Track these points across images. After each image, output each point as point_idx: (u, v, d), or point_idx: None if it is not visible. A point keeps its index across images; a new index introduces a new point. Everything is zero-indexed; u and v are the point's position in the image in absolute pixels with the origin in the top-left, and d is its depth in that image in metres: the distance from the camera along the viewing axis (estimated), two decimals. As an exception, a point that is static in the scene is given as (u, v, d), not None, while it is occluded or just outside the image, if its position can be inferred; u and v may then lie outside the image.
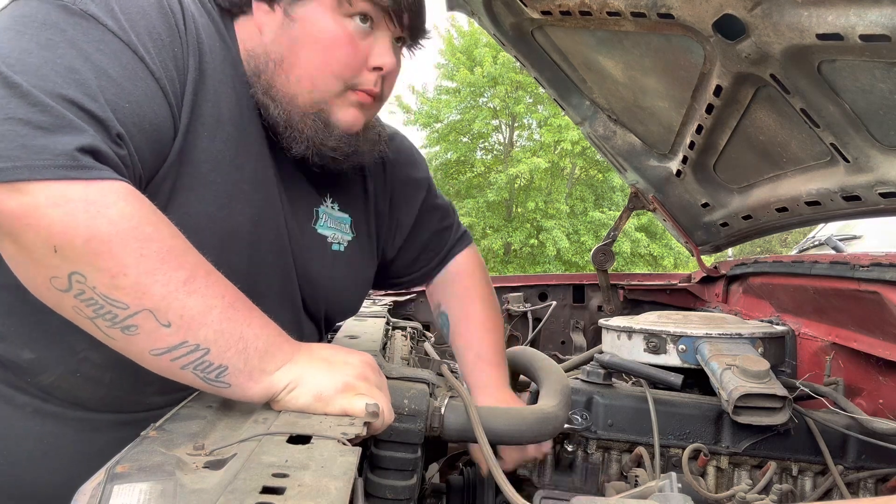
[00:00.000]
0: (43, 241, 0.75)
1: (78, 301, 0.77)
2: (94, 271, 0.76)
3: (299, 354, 0.90)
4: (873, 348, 1.54)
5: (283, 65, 1.06)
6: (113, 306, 0.77)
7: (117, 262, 0.77)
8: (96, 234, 0.76)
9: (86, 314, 0.78)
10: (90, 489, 0.64)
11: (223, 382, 0.84)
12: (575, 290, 2.85)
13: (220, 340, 0.82)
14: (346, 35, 1.06)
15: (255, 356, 0.85)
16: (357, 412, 0.87)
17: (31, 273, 0.79)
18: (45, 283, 0.78)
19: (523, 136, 19.20)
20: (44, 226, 0.74)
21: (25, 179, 0.74)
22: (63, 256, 0.75)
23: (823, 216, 1.96)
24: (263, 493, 0.63)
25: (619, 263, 15.94)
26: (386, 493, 1.06)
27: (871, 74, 1.31)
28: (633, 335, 1.64)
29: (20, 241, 0.76)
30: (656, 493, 0.77)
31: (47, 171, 0.75)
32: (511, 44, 1.99)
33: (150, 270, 0.78)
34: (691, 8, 1.39)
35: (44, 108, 0.77)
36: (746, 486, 1.40)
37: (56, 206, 0.75)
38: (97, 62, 0.84)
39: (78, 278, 0.76)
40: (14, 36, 0.81)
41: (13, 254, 0.78)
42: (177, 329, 0.80)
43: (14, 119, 0.75)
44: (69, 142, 0.77)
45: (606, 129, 2.28)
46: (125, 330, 0.79)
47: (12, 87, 0.77)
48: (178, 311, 0.80)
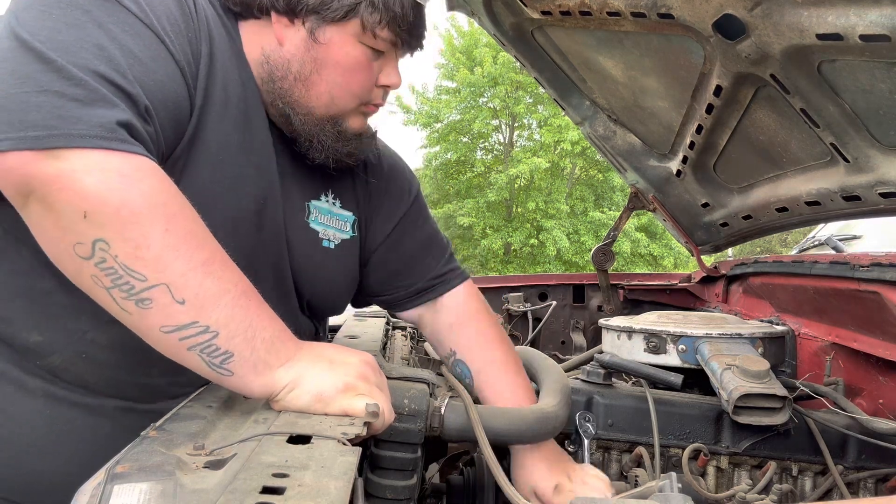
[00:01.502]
0: (74, 206, 0.76)
1: (97, 269, 0.78)
2: (119, 240, 0.78)
3: (302, 353, 0.91)
4: (873, 348, 1.54)
5: (305, 81, 1.12)
6: (132, 277, 0.78)
7: (143, 233, 0.78)
8: (127, 204, 0.78)
9: (103, 283, 0.79)
10: (90, 489, 0.64)
11: (227, 370, 0.85)
12: (575, 290, 2.85)
13: (230, 325, 0.83)
14: (367, 61, 1.14)
15: (261, 347, 0.86)
16: (357, 412, 0.87)
17: (56, 238, 0.80)
18: (68, 250, 0.79)
19: (523, 136, 19.21)
20: (77, 190, 0.76)
21: (63, 147, 0.76)
22: (91, 222, 0.77)
23: (823, 216, 1.96)
24: (263, 493, 0.63)
25: (619, 263, 15.94)
26: (386, 493, 1.06)
27: (871, 74, 1.31)
28: (633, 335, 1.64)
29: (51, 204, 0.77)
30: (656, 493, 0.77)
31: (84, 139, 0.77)
32: (511, 44, 1.99)
33: (173, 246, 0.80)
34: (691, 8, 1.39)
35: (78, 82, 0.80)
36: (746, 486, 1.41)
37: (91, 174, 0.77)
38: (123, 42, 0.87)
39: (102, 245, 0.77)
40: (40, 15, 0.84)
41: (40, 218, 0.80)
42: (190, 307, 0.81)
43: (50, 91, 0.78)
44: (105, 115, 0.80)
45: (606, 129, 2.28)
46: (140, 303, 0.80)
47: (47, 62, 0.80)
48: (194, 290, 0.81)
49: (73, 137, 0.77)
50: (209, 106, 1.01)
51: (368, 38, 1.12)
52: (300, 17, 1.10)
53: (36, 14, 0.84)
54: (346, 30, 1.11)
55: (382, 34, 1.13)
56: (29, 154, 0.76)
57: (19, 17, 0.83)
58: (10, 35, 0.82)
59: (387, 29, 1.12)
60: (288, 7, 1.09)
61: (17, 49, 0.81)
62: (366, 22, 1.10)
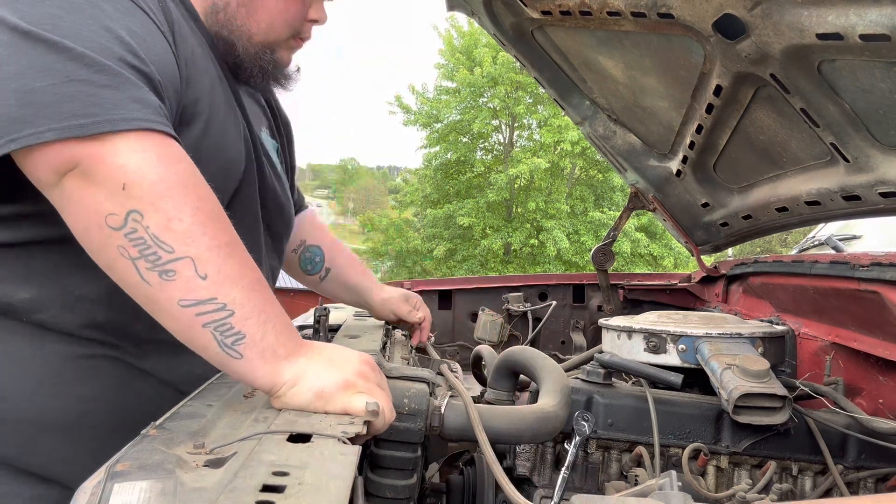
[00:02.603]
0: (115, 178, 0.80)
1: (126, 240, 0.81)
2: (153, 211, 0.81)
3: (304, 349, 0.91)
4: (873, 348, 1.54)
5: (247, 5, 1.19)
6: (160, 248, 0.81)
7: (177, 207, 0.82)
8: (165, 179, 0.82)
9: (129, 254, 0.81)
10: (90, 487, 0.64)
11: (237, 352, 0.85)
12: (575, 290, 2.85)
13: (246, 306, 0.85)
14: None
15: (272, 333, 0.87)
16: (357, 411, 0.87)
17: (89, 209, 0.82)
18: (99, 220, 0.81)
19: (523, 137, 19.20)
20: (120, 164, 0.80)
21: (108, 132, 0.80)
22: (128, 194, 0.80)
23: (823, 216, 1.96)
24: (263, 491, 0.63)
25: (619, 263, 15.95)
26: (386, 493, 1.06)
27: (871, 74, 1.31)
28: (633, 335, 1.64)
29: (93, 177, 0.80)
30: (656, 492, 0.77)
31: (126, 122, 0.81)
32: (511, 44, 1.99)
33: (202, 223, 0.84)
34: (691, 8, 1.39)
35: (101, 67, 0.82)
36: (746, 486, 1.41)
37: (134, 152, 0.81)
38: (123, 21, 0.89)
39: (135, 216, 0.80)
40: (33, 3, 0.84)
41: (76, 191, 0.82)
42: (211, 283, 0.83)
43: (77, 80, 0.81)
44: (137, 97, 0.84)
45: (606, 128, 2.28)
46: (163, 274, 0.82)
47: (63, 51, 0.81)
48: (216, 266, 0.83)
49: (116, 122, 0.81)
50: (188, 68, 1.04)
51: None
52: None
53: (29, 3, 0.84)
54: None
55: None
56: (74, 141, 0.80)
57: (13, 8, 0.83)
58: (7, 29, 0.82)
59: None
60: None
61: (24, 41, 0.81)
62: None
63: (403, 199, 20.01)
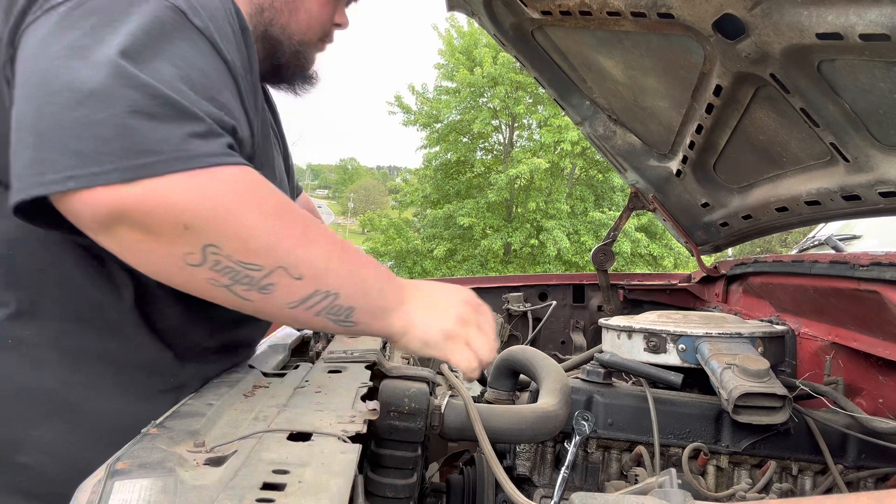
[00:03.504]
0: (173, 222, 0.77)
1: (213, 272, 0.81)
2: (226, 239, 0.79)
3: (408, 293, 0.99)
4: (873, 348, 1.54)
5: (289, 4, 1.21)
6: (249, 270, 0.82)
7: (244, 225, 0.80)
8: (219, 203, 0.79)
9: (222, 283, 0.82)
10: (91, 485, 0.64)
11: (350, 322, 0.91)
12: (575, 290, 2.85)
13: (345, 284, 0.89)
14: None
15: (374, 294, 0.93)
16: (455, 363, 0.99)
17: (161, 256, 0.80)
18: (178, 263, 0.80)
19: (523, 137, 19.20)
20: (170, 206, 0.77)
21: (146, 173, 0.76)
22: (194, 231, 0.78)
23: (823, 216, 1.96)
24: (264, 489, 0.63)
25: (619, 263, 15.94)
26: (386, 492, 1.06)
27: (871, 74, 1.31)
28: (633, 335, 1.64)
29: (148, 226, 0.78)
30: (656, 489, 0.77)
31: (174, 162, 0.77)
32: (511, 44, 1.99)
33: (274, 229, 0.83)
34: (691, 8, 1.39)
35: (165, 100, 0.79)
36: (746, 486, 1.41)
37: (175, 189, 0.77)
38: (197, 63, 0.86)
39: (212, 250, 0.79)
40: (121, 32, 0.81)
41: (135, 243, 0.79)
42: (308, 280, 0.85)
43: (136, 112, 0.77)
44: (183, 130, 0.79)
45: (606, 129, 2.28)
46: (263, 290, 0.83)
47: (139, 87, 0.78)
48: (306, 263, 0.85)
49: (153, 166, 0.77)
50: (246, 102, 1.00)
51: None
52: None
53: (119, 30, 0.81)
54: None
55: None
56: (116, 186, 0.76)
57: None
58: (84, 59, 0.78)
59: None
60: None
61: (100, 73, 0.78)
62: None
63: (403, 199, 19.99)
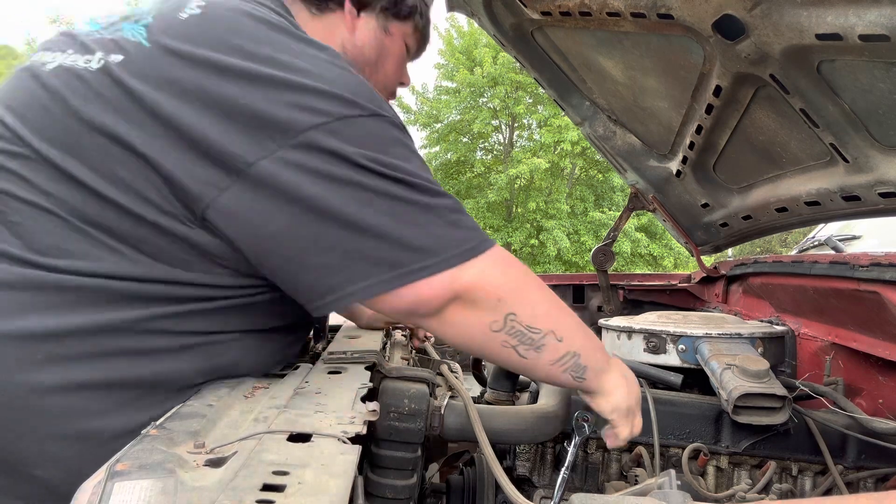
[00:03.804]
0: (491, 296, 0.95)
1: (507, 336, 0.98)
2: (521, 308, 0.97)
3: (611, 363, 1.17)
4: (873, 348, 1.54)
5: (373, 66, 1.27)
6: (532, 333, 0.99)
7: (531, 297, 1.00)
8: (518, 281, 0.99)
9: (510, 344, 0.99)
10: (90, 487, 0.64)
11: (583, 378, 1.09)
12: (575, 291, 2.85)
13: (585, 346, 1.07)
14: (404, 57, 1.34)
15: (598, 356, 1.11)
16: (622, 436, 1.19)
17: (475, 324, 0.96)
18: (485, 331, 0.97)
19: (523, 137, 19.21)
20: (489, 283, 0.94)
21: (472, 257, 0.93)
22: (503, 303, 0.96)
23: (823, 216, 1.96)
24: (264, 490, 0.63)
25: (619, 263, 15.94)
26: (386, 493, 1.07)
27: (871, 74, 1.31)
28: (633, 335, 1.64)
29: (473, 301, 0.94)
30: (655, 491, 0.77)
31: (482, 244, 0.94)
32: (511, 44, 1.99)
33: (546, 299, 1.02)
34: (691, 8, 1.39)
35: (453, 206, 0.95)
36: (746, 486, 1.41)
37: (493, 269, 0.95)
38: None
39: (511, 317, 0.97)
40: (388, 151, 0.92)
41: (459, 316, 0.95)
42: (566, 341, 1.03)
43: (446, 211, 0.93)
44: (470, 222, 0.97)
45: (606, 129, 2.28)
46: (537, 349, 1.01)
47: (426, 203, 0.92)
48: (563, 327, 1.03)
49: (473, 249, 0.93)
50: None
51: (409, 38, 1.31)
52: (371, 10, 1.24)
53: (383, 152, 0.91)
54: (403, 27, 1.29)
55: (416, 37, 1.32)
56: (453, 270, 0.91)
57: (370, 156, 0.89)
58: (371, 174, 0.88)
59: (420, 33, 1.32)
60: (363, 0, 1.23)
61: (392, 185, 0.89)
62: (416, 23, 1.30)
63: (403, 199, 19.95)
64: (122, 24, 0.98)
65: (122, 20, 0.99)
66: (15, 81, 1.00)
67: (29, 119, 0.93)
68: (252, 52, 0.89)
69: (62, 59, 0.96)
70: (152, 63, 0.89)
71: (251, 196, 0.86)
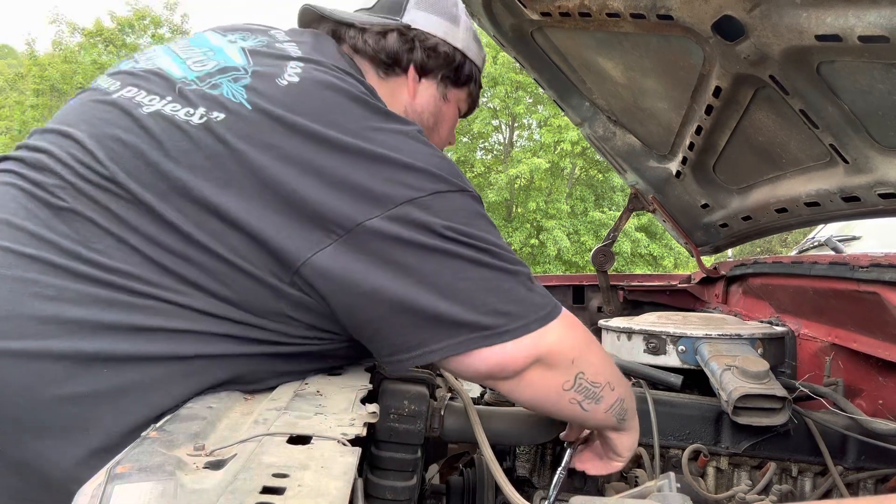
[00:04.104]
0: (567, 358, 1.02)
1: (575, 393, 1.05)
2: (587, 367, 1.05)
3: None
4: (873, 349, 1.54)
5: (430, 130, 1.34)
6: (594, 388, 1.07)
7: (594, 356, 1.07)
8: (586, 342, 1.07)
9: (577, 400, 1.06)
10: (91, 490, 0.64)
11: (625, 419, 1.17)
12: (575, 291, 2.85)
13: (627, 390, 1.16)
14: (456, 121, 1.45)
15: (632, 396, 1.19)
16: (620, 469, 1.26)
17: (550, 384, 1.03)
18: (558, 390, 1.04)
19: (523, 137, 19.22)
20: (564, 346, 1.01)
21: (546, 323, 0.99)
22: (575, 364, 1.03)
23: (823, 217, 1.96)
24: (263, 493, 0.63)
25: (619, 263, 15.94)
26: (386, 494, 1.07)
27: (871, 75, 1.31)
28: (633, 336, 1.64)
29: (551, 364, 1.01)
30: (655, 493, 0.77)
31: (555, 310, 1.01)
32: (511, 45, 1.99)
33: (600, 352, 1.11)
34: (690, 9, 1.39)
35: (528, 272, 1.02)
36: (746, 487, 1.41)
37: (566, 332, 1.02)
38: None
39: (580, 375, 1.04)
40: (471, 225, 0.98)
41: (537, 378, 1.01)
42: (617, 390, 1.12)
43: (525, 279, 1.00)
44: (543, 289, 1.03)
45: (606, 130, 2.28)
46: (597, 401, 1.08)
47: (508, 270, 0.98)
48: (615, 376, 1.12)
49: (552, 313, 1.00)
50: None
51: (462, 103, 1.41)
52: (433, 77, 1.32)
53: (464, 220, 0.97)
54: (459, 94, 1.38)
55: (468, 101, 1.43)
56: (534, 333, 0.97)
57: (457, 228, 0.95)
58: (458, 244, 0.94)
59: (472, 98, 1.43)
60: (426, 67, 1.29)
61: (477, 254, 0.96)
62: (471, 90, 1.40)
63: (403, 199, 19.95)
64: (219, 78, 1.01)
65: (218, 73, 1.02)
66: (102, 112, 1.01)
67: (123, 159, 0.94)
68: (349, 128, 0.95)
69: (160, 105, 0.99)
70: (256, 127, 0.95)
71: (348, 257, 0.91)
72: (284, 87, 1.00)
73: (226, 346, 0.94)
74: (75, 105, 1.07)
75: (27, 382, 0.84)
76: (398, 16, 1.28)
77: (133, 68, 1.09)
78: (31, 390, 0.84)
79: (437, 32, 1.30)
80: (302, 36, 1.18)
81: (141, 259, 0.91)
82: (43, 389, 0.84)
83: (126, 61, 1.14)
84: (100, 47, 20.06)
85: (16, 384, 0.84)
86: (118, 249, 0.91)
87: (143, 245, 0.91)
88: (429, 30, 1.29)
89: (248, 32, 1.17)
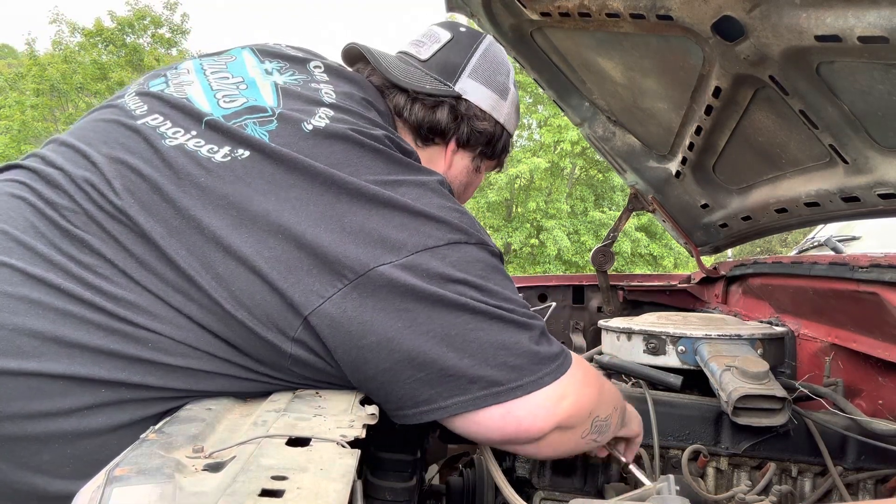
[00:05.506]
0: (584, 414, 1.04)
1: (592, 434, 1.09)
2: (601, 410, 1.09)
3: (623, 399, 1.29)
4: (873, 349, 1.54)
5: (458, 197, 1.38)
6: (604, 423, 1.11)
7: (603, 395, 1.10)
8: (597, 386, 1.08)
9: (591, 438, 1.09)
10: (90, 492, 0.64)
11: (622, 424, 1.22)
12: (574, 291, 2.85)
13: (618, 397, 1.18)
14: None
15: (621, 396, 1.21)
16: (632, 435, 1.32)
17: (571, 440, 1.06)
18: (577, 440, 1.07)
19: (523, 137, 19.20)
20: (584, 402, 1.03)
21: (562, 374, 0.99)
22: (592, 412, 1.06)
23: (822, 217, 1.96)
24: (262, 495, 0.63)
25: (619, 263, 15.94)
26: (385, 495, 1.06)
27: (870, 76, 1.31)
28: (633, 336, 1.64)
29: (571, 426, 1.02)
30: (654, 496, 0.77)
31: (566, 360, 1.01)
32: (510, 45, 1.99)
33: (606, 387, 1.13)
34: (690, 9, 1.39)
35: (542, 326, 1.01)
36: (746, 488, 1.41)
37: (581, 383, 1.03)
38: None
39: (596, 418, 1.08)
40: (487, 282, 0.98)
41: (555, 439, 1.02)
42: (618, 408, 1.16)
43: (537, 334, 0.99)
44: (552, 343, 1.02)
45: (606, 130, 2.28)
46: (608, 427, 1.13)
47: (520, 323, 0.97)
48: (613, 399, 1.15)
49: (561, 367, 0.99)
50: None
51: (490, 169, 1.47)
52: (471, 150, 1.36)
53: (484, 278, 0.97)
54: (489, 165, 1.44)
55: (496, 168, 1.49)
56: (546, 389, 0.97)
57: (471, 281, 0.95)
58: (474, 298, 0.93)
59: (500, 165, 1.49)
60: (465, 141, 1.33)
61: (490, 308, 0.94)
62: (501, 160, 1.45)
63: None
64: (246, 119, 1.01)
65: (245, 112, 1.02)
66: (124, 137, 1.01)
67: (140, 191, 0.94)
68: (368, 177, 0.95)
69: (184, 139, 0.99)
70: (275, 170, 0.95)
71: (358, 303, 0.88)
72: (309, 132, 1.00)
73: (221, 382, 0.93)
74: (97, 120, 1.06)
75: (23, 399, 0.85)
76: (451, 81, 1.29)
77: (163, 92, 1.08)
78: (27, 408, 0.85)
79: (485, 106, 1.33)
80: (340, 79, 1.17)
81: (142, 290, 0.90)
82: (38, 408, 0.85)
83: (158, 80, 1.13)
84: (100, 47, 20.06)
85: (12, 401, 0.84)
86: (123, 279, 0.91)
87: (145, 279, 0.91)
88: (479, 103, 1.32)
89: (286, 62, 1.16)
